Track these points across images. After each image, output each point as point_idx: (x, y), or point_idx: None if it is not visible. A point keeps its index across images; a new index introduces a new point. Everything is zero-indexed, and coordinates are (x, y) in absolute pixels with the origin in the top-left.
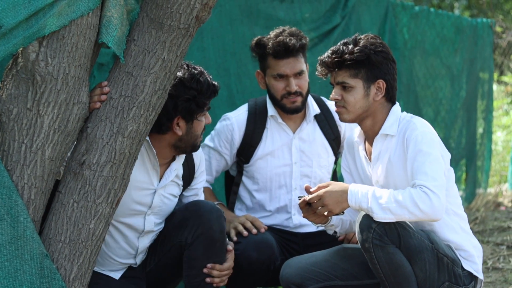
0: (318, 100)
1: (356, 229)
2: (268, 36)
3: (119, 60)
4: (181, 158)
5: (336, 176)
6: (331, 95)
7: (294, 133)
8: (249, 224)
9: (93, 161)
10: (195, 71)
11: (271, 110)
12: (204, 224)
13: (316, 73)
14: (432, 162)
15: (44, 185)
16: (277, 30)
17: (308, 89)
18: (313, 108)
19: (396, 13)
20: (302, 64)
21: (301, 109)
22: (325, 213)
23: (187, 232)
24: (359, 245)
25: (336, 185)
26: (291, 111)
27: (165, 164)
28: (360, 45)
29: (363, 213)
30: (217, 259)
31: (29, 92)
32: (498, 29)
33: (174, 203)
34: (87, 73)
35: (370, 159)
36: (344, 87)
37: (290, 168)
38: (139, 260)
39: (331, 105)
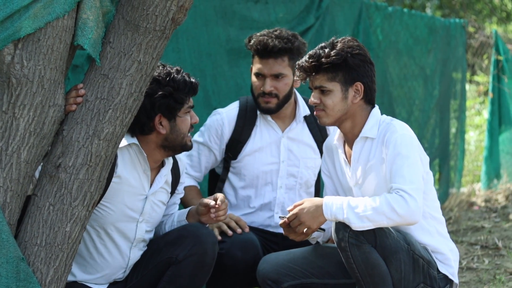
0: (307, 102)
1: (333, 228)
2: (258, 34)
3: (95, 63)
4: (169, 164)
5: (320, 179)
6: (310, 99)
7: (283, 132)
8: (233, 224)
9: (69, 164)
10: (171, 70)
11: None
12: (200, 246)
13: (295, 77)
14: (410, 166)
15: (20, 188)
16: (270, 30)
17: (290, 92)
18: (303, 109)
19: (370, 14)
20: (281, 67)
21: (275, 111)
22: (304, 231)
23: (179, 250)
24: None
25: (310, 201)
26: (264, 111)
27: (155, 169)
28: (337, 48)
29: None
30: (199, 283)
31: (4, 95)
32: (471, 29)
33: (162, 211)
34: (62, 75)
35: (349, 161)
36: (322, 91)
37: (278, 166)
38: (126, 274)
39: None
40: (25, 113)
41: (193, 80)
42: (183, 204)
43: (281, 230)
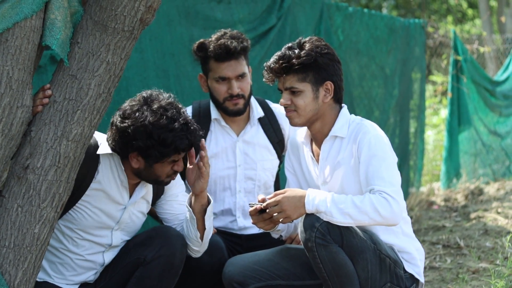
0: (262, 103)
1: (299, 228)
2: (210, 39)
3: (63, 63)
4: None
5: (279, 179)
6: (280, 101)
7: (238, 136)
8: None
9: (37, 165)
10: (171, 124)
11: (214, 113)
12: (169, 247)
13: (264, 79)
14: (388, 167)
15: None
16: (218, 33)
17: (251, 91)
18: (257, 111)
19: (331, 14)
20: (244, 67)
21: (243, 111)
22: (281, 220)
23: (148, 250)
24: (302, 246)
25: (294, 191)
26: (234, 114)
27: (136, 181)
28: (306, 48)
29: (307, 213)
30: (167, 285)
31: None
32: (430, 29)
33: (141, 221)
34: (30, 76)
35: (317, 160)
36: (293, 92)
37: (234, 171)
38: (96, 276)
39: (275, 108)
40: None
41: (186, 142)
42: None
43: (245, 232)
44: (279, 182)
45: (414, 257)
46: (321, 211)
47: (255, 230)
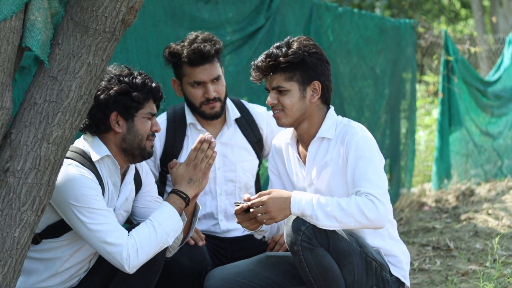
0: (238, 104)
1: (285, 232)
2: (182, 44)
3: (43, 65)
4: (132, 170)
5: (259, 179)
6: (267, 100)
7: (215, 138)
8: (194, 235)
9: (17, 168)
10: (135, 73)
11: (189, 117)
12: None
13: (251, 78)
14: (375, 169)
15: None
16: (190, 37)
17: (226, 93)
18: (233, 111)
19: (320, 14)
20: (218, 69)
21: (221, 114)
22: (265, 221)
23: None
24: (282, 253)
25: (279, 192)
26: (211, 117)
27: (123, 169)
28: (294, 47)
29: (293, 216)
30: (149, 284)
31: None
32: (421, 29)
33: (125, 220)
34: (10, 77)
35: (303, 161)
36: (280, 91)
37: (214, 174)
38: (80, 279)
39: (251, 108)
40: None
41: (155, 85)
42: None
43: (228, 235)
44: (260, 182)
45: (400, 260)
46: (307, 214)
47: (238, 233)
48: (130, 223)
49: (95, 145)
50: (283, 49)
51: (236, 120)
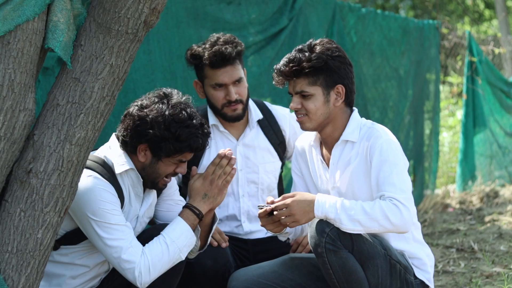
0: (261, 105)
1: (309, 233)
2: (204, 46)
3: (66, 66)
4: None
5: (282, 181)
6: (291, 105)
7: (237, 140)
8: (217, 236)
9: (40, 169)
10: (188, 120)
11: (212, 119)
12: None
13: (273, 82)
14: (399, 173)
15: None
16: (211, 39)
17: (248, 94)
18: (255, 113)
19: (344, 15)
20: (239, 71)
21: (243, 116)
22: (289, 224)
23: None
24: (306, 255)
25: (303, 195)
26: (233, 119)
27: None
28: (317, 51)
29: (317, 218)
30: (171, 284)
31: None
32: (444, 30)
33: (146, 225)
34: (33, 79)
35: (327, 164)
36: (304, 96)
37: (236, 176)
38: (101, 280)
39: (274, 109)
40: None
41: (200, 142)
42: None
43: (251, 236)
44: (283, 184)
45: (424, 263)
46: (330, 217)
47: (261, 234)
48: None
49: (120, 157)
50: (306, 53)
51: (259, 122)
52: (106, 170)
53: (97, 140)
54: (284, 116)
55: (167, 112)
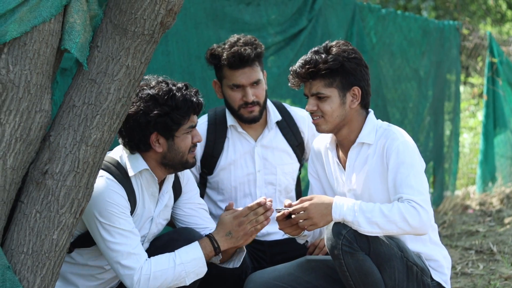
0: (280, 107)
1: (326, 235)
2: (223, 46)
3: (82, 67)
4: (170, 179)
5: (300, 183)
6: (306, 107)
7: (256, 141)
8: None
9: (56, 170)
10: (173, 87)
11: (230, 119)
12: None
13: (289, 84)
14: (417, 175)
15: (6, 195)
16: (231, 39)
17: (266, 96)
18: (274, 114)
19: (363, 16)
20: (258, 73)
21: (259, 118)
22: (307, 227)
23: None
24: (322, 257)
25: (320, 198)
26: (249, 121)
27: (162, 178)
28: (333, 53)
29: None
30: (191, 286)
31: None
32: (465, 31)
33: (163, 227)
34: (49, 80)
35: (343, 166)
36: (320, 97)
37: (254, 177)
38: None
39: (293, 111)
40: (11, 119)
41: (195, 99)
42: None
43: (268, 238)
44: (300, 186)
45: (441, 265)
46: (348, 220)
47: (278, 236)
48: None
49: (133, 158)
50: (323, 55)
51: (277, 123)
52: (120, 171)
53: (113, 141)
54: (303, 117)
55: (152, 92)
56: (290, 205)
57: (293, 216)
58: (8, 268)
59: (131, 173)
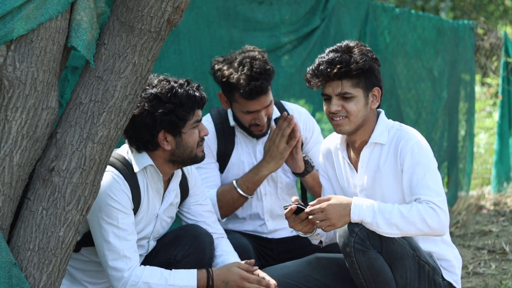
0: (278, 104)
1: (338, 233)
2: (237, 76)
3: (89, 64)
4: (178, 177)
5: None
6: (331, 108)
7: (257, 139)
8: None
9: (63, 168)
10: (175, 84)
11: (232, 121)
12: (198, 246)
13: (307, 85)
14: (433, 175)
15: (12, 192)
16: (245, 66)
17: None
18: (274, 113)
19: (377, 15)
20: (270, 96)
21: (268, 131)
22: (325, 228)
23: (178, 250)
24: (332, 255)
25: (338, 199)
26: (259, 137)
27: (165, 183)
28: (359, 53)
29: None
30: None
31: None
32: (480, 31)
33: (169, 225)
34: (56, 77)
35: (355, 167)
36: (346, 98)
37: None
38: None
39: (290, 108)
40: (17, 116)
41: (198, 94)
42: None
43: (275, 235)
44: (301, 183)
45: (452, 264)
46: (367, 221)
47: (285, 233)
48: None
49: (139, 155)
50: (352, 55)
51: (275, 120)
52: (125, 167)
53: (119, 139)
54: (300, 112)
55: (154, 91)
56: (297, 201)
57: (310, 217)
58: (15, 264)
59: (136, 168)
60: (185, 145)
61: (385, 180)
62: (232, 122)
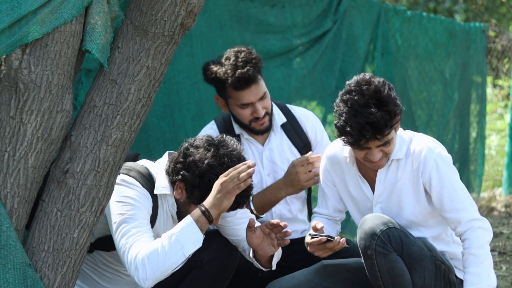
0: (283, 108)
1: (359, 235)
2: (224, 69)
3: (103, 68)
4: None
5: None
6: (373, 157)
7: (263, 145)
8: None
9: (77, 170)
10: (222, 170)
11: (237, 129)
12: (226, 250)
13: (349, 143)
14: (460, 186)
15: (27, 194)
16: (230, 58)
17: (271, 103)
18: (279, 117)
19: (389, 18)
20: (263, 86)
21: (270, 127)
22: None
23: (205, 253)
24: (338, 261)
25: None
26: (262, 132)
27: None
28: (388, 99)
29: (366, 217)
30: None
31: (12, 100)
32: (491, 33)
33: None
34: (70, 81)
35: (366, 179)
36: (385, 143)
37: (266, 180)
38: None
39: (296, 112)
40: (32, 119)
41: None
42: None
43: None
44: (310, 188)
45: None
46: None
47: (295, 235)
48: None
49: (164, 179)
50: (389, 107)
51: (282, 126)
52: (150, 184)
53: (133, 141)
54: (307, 116)
55: (206, 161)
56: (321, 229)
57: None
58: (29, 265)
59: (156, 191)
60: (187, 211)
61: (404, 194)
62: (237, 131)
